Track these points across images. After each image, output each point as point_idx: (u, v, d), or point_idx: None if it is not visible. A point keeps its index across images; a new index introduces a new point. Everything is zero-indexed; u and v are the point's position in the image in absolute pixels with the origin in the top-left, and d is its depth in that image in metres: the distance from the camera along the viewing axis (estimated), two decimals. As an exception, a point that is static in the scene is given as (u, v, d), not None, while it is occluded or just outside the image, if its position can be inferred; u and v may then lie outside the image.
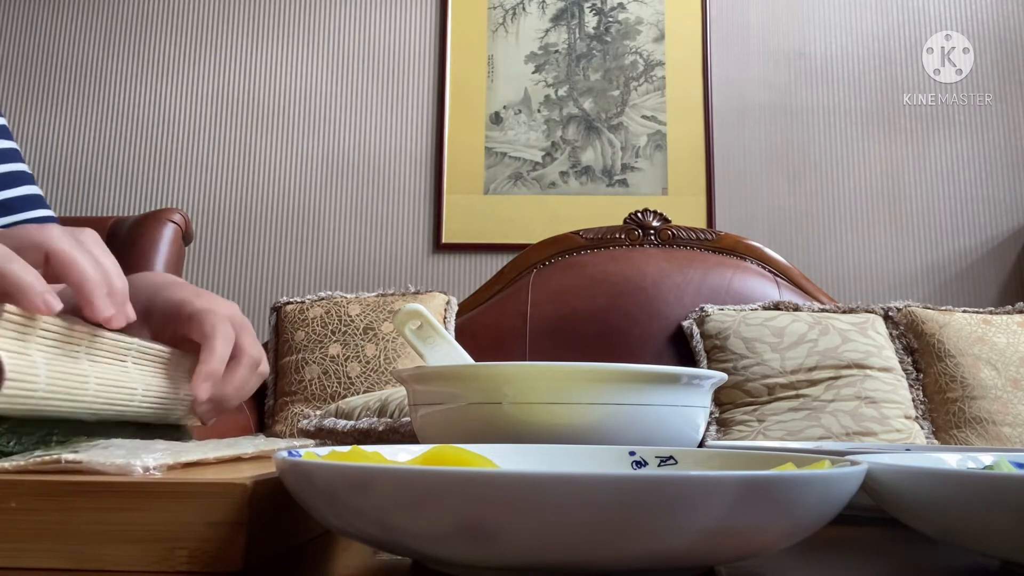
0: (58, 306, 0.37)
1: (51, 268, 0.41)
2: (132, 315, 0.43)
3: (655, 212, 2.04)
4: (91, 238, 0.44)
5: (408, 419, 0.87)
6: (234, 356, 0.51)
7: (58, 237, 0.41)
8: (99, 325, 0.42)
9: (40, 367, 0.36)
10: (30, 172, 0.79)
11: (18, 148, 0.78)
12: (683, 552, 0.26)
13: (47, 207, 0.77)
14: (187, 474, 0.34)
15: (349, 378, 1.74)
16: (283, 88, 2.50)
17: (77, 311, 0.41)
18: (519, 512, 0.24)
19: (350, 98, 2.49)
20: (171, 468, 0.34)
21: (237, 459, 0.43)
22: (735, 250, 2.00)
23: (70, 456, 0.33)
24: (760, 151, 2.41)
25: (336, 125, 2.48)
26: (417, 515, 0.26)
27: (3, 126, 0.78)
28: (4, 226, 0.73)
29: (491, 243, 2.37)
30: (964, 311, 1.79)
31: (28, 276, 0.37)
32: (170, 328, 0.52)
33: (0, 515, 0.30)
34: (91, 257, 0.42)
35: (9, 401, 0.35)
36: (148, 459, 0.33)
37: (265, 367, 0.54)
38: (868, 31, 2.47)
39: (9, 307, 0.36)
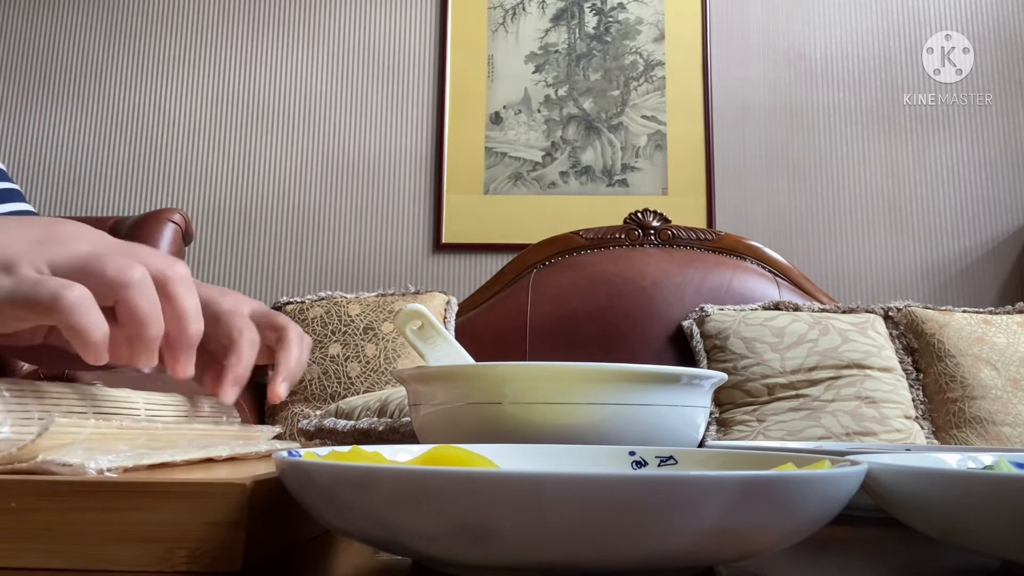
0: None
1: (118, 311, 0.38)
2: (189, 371, 0.42)
3: (655, 212, 2.04)
4: (179, 276, 0.41)
5: (408, 419, 0.87)
6: (281, 338, 0.53)
7: (137, 283, 0.38)
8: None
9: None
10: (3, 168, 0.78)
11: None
12: (683, 552, 0.26)
13: (24, 199, 0.76)
14: (185, 474, 0.34)
15: (349, 378, 1.74)
16: (283, 88, 2.50)
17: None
18: (519, 512, 0.24)
19: (350, 98, 2.49)
20: (129, 471, 0.34)
21: (208, 461, 0.42)
22: (735, 250, 2.00)
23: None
24: (760, 151, 2.41)
25: (336, 125, 2.48)
26: (417, 515, 0.26)
27: None
28: None
29: (491, 243, 2.36)
30: (964, 311, 1.79)
31: (96, 335, 0.36)
32: None
33: (0, 515, 0.30)
34: (156, 311, 0.39)
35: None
36: (103, 461, 0.32)
37: (307, 338, 0.57)
38: (868, 31, 2.47)
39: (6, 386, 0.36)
